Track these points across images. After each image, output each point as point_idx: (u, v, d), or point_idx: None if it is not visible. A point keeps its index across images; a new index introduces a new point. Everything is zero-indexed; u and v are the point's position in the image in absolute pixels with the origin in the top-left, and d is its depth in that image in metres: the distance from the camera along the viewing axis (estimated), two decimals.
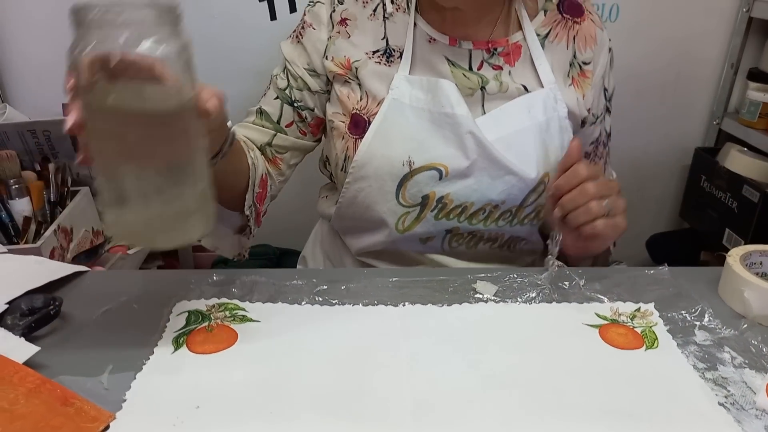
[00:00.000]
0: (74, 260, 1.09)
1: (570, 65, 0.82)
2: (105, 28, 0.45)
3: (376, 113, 0.77)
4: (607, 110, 0.88)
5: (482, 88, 0.79)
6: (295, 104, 0.83)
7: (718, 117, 1.64)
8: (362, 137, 0.77)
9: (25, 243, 1.02)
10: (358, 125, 0.79)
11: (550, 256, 0.72)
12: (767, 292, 0.62)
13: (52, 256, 1.01)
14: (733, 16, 1.54)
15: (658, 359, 0.57)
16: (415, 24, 0.79)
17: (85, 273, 0.70)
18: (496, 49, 0.80)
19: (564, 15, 0.83)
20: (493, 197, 0.78)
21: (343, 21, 0.80)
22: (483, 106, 0.79)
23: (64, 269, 0.69)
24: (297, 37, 0.83)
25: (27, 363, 0.52)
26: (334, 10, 0.80)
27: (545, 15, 0.82)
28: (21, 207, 1.05)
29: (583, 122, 0.84)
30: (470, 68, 0.79)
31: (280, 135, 0.84)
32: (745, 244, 1.44)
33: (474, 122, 0.75)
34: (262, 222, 0.82)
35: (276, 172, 0.85)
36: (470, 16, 0.78)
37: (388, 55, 0.79)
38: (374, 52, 0.79)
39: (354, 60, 0.79)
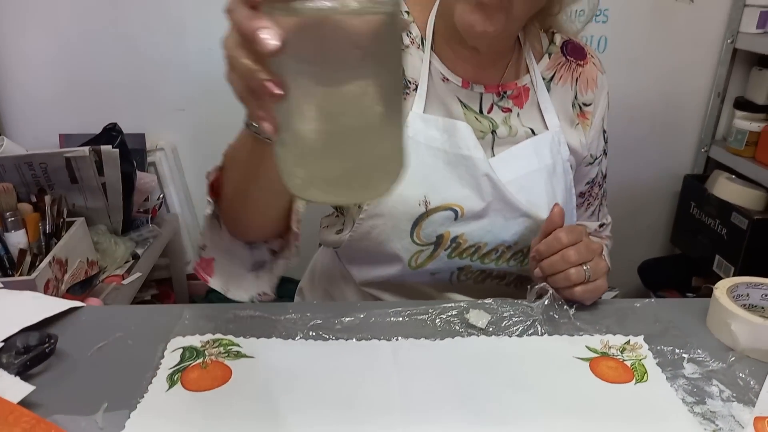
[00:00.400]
0: (69, 291, 1.09)
1: (572, 106, 0.84)
2: None
3: None
4: (604, 152, 0.90)
5: (493, 132, 0.80)
6: None
7: (707, 145, 1.67)
8: None
9: (20, 275, 1.02)
10: None
11: (536, 287, 0.73)
12: (754, 325, 0.63)
13: (46, 288, 1.01)
14: (718, 47, 1.58)
15: (648, 393, 0.58)
16: (429, 61, 0.79)
17: (80, 308, 0.71)
18: (506, 92, 0.81)
19: (568, 57, 0.85)
20: (506, 238, 0.79)
21: None
22: (493, 149, 0.80)
23: (60, 305, 0.69)
24: None
25: (22, 402, 0.52)
26: None
27: (549, 58, 0.84)
28: (17, 239, 1.05)
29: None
30: (481, 111, 0.80)
31: None
32: (736, 270, 1.47)
33: (489, 165, 0.76)
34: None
35: None
36: (485, 59, 0.79)
37: (404, 86, 0.79)
38: None
39: None
